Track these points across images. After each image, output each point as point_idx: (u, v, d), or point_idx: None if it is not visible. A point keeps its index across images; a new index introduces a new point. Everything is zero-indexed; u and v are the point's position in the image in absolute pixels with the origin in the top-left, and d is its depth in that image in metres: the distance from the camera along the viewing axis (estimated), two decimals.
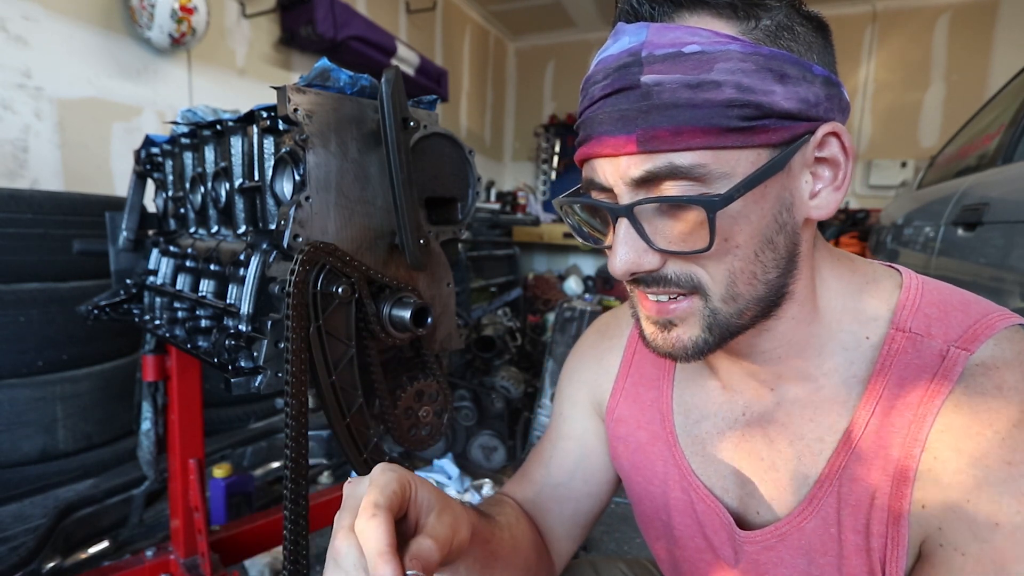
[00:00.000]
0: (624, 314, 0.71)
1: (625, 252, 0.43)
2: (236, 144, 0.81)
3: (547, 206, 5.69)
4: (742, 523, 0.54)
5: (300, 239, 0.62)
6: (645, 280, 0.46)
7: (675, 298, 0.46)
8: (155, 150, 1.12)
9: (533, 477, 0.71)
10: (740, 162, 0.41)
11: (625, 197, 0.43)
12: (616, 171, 0.43)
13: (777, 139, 0.41)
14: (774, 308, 0.47)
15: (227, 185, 0.84)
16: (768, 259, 0.44)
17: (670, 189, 0.42)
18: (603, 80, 0.43)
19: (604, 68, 0.43)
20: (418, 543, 0.39)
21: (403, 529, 0.42)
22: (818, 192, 0.45)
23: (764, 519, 0.52)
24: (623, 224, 0.44)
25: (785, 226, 0.44)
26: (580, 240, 0.52)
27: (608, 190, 0.45)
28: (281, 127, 0.69)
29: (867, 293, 0.50)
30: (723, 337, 0.46)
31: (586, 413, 0.70)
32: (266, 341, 0.64)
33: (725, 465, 0.56)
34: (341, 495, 0.42)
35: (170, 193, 1.06)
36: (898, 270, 0.52)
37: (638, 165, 0.41)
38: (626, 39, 0.42)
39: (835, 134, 0.44)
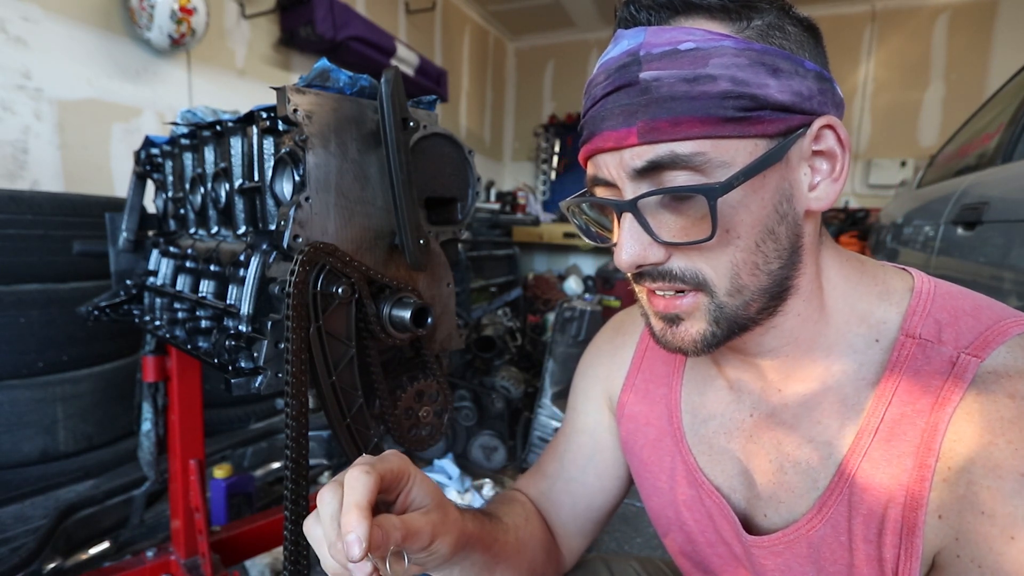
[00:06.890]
0: (639, 312, 0.72)
1: (631, 246, 0.44)
2: (236, 145, 0.81)
3: (547, 206, 5.69)
4: (749, 524, 0.54)
5: (300, 239, 0.62)
6: (651, 274, 0.46)
7: (680, 294, 0.46)
8: (155, 151, 1.12)
9: (547, 471, 0.72)
10: (739, 152, 0.42)
11: (628, 191, 0.44)
12: (619, 164, 0.44)
13: (773, 130, 0.42)
14: (779, 302, 0.47)
15: (227, 186, 0.84)
16: (770, 249, 0.44)
17: (672, 180, 0.43)
18: (604, 80, 0.45)
19: (606, 70, 0.45)
20: (386, 517, 0.39)
21: (386, 511, 0.42)
22: (817, 184, 0.46)
23: (772, 523, 0.52)
24: (627, 219, 0.44)
25: (786, 217, 0.45)
26: (587, 240, 0.53)
27: (612, 186, 0.46)
28: (281, 127, 0.69)
29: (877, 296, 0.49)
30: (731, 330, 0.46)
31: (599, 408, 0.70)
32: (266, 342, 0.64)
33: (732, 465, 0.55)
34: None
35: (170, 194, 1.06)
36: (910, 272, 0.51)
37: (640, 156, 0.43)
38: (625, 42, 0.44)
39: (830, 127, 0.44)
